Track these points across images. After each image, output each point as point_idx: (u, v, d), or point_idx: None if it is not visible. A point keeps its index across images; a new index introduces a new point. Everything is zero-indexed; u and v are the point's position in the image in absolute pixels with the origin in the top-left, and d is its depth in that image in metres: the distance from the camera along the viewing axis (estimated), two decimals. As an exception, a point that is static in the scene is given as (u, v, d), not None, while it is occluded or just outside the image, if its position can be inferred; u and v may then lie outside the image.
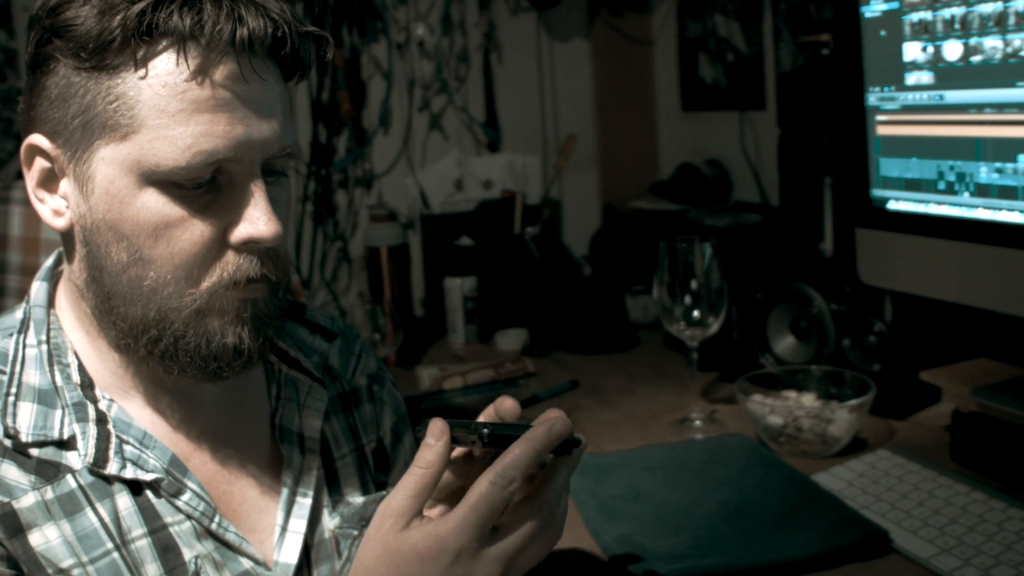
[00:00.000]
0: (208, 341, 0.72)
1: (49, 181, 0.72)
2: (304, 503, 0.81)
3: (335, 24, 2.02)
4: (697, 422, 1.34)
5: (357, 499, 0.85)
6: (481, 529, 0.63)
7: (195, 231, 0.69)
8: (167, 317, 0.71)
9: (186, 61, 0.66)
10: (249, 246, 0.71)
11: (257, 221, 0.70)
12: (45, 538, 0.68)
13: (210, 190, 0.70)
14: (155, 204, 0.69)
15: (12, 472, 0.69)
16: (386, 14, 2.05)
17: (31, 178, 0.72)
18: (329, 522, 0.83)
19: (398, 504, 0.65)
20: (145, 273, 0.70)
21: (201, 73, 0.67)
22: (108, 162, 0.68)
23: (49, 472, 0.70)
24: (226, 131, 0.68)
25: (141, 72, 0.67)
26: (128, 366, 0.76)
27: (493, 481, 0.64)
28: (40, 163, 0.72)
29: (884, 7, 1.24)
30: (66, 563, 0.68)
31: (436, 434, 0.67)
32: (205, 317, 0.71)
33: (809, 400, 1.26)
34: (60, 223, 0.73)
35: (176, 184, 0.68)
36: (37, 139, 0.71)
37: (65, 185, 0.71)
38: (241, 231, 0.70)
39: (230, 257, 0.71)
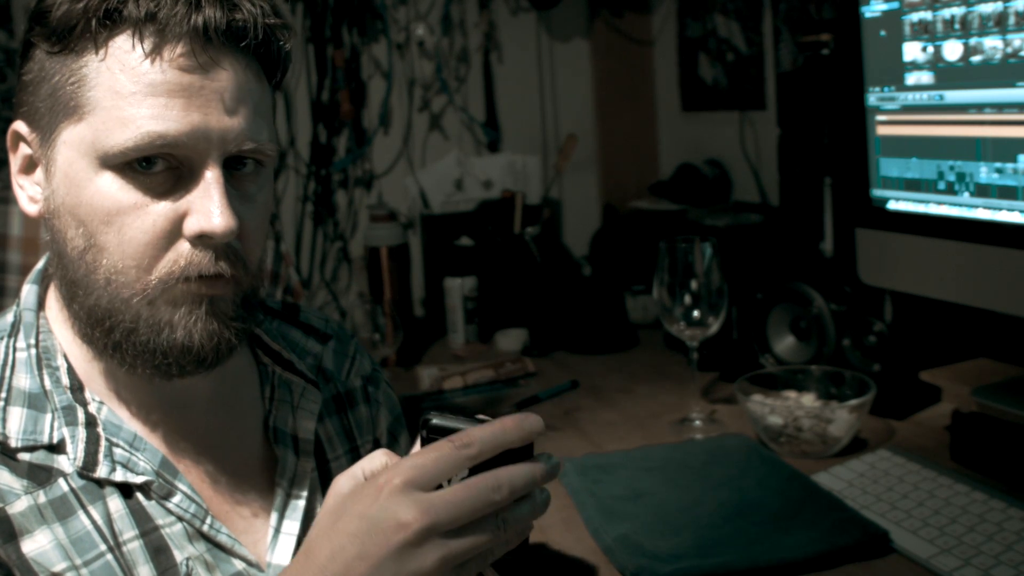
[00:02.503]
0: (157, 334, 0.70)
1: (30, 167, 0.73)
2: (298, 505, 0.80)
3: (335, 24, 2.02)
4: (697, 422, 1.34)
5: None
6: (415, 472, 0.58)
7: (147, 219, 0.68)
8: (118, 308, 0.69)
9: (142, 44, 0.66)
10: (203, 240, 0.69)
11: (209, 214, 0.68)
12: (38, 543, 0.68)
13: (168, 178, 0.69)
14: (109, 189, 0.68)
15: (4, 477, 0.69)
16: (386, 14, 2.05)
17: (14, 164, 0.73)
18: None
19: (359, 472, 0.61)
20: (99, 260, 0.69)
21: (156, 55, 0.66)
22: (68, 145, 0.69)
23: (41, 476, 0.70)
24: (180, 116, 0.67)
25: (101, 54, 0.67)
26: (113, 365, 0.75)
27: (451, 440, 0.59)
28: (23, 149, 0.73)
29: (884, 7, 1.24)
30: (59, 567, 0.68)
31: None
32: (157, 309, 0.70)
33: (809, 400, 1.26)
34: (33, 209, 0.73)
35: (131, 168, 0.67)
36: (18, 125, 0.72)
37: (40, 171, 0.72)
38: (191, 223, 0.68)
39: (183, 249, 0.69)
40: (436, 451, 0.59)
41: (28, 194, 0.73)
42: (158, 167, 0.68)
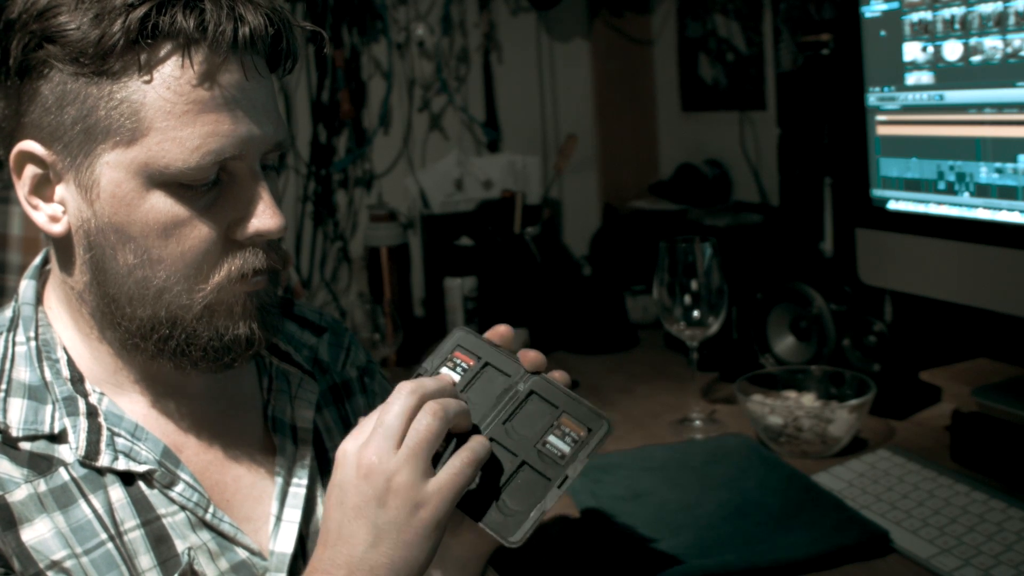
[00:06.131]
0: (221, 335, 0.73)
1: (42, 187, 0.72)
2: (298, 492, 0.81)
3: (335, 24, 2.02)
4: (697, 422, 1.34)
5: None
6: (394, 435, 0.67)
7: (203, 229, 0.71)
8: (177, 316, 0.72)
9: (191, 64, 0.67)
10: (255, 239, 0.73)
11: (264, 215, 0.72)
12: (37, 531, 0.69)
13: (214, 188, 0.71)
14: (163, 205, 0.70)
15: (4, 466, 0.70)
16: (386, 14, 2.05)
17: (22, 185, 0.72)
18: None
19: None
20: (154, 274, 0.71)
21: (206, 75, 0.68)
22: (114, 166, 0.69)
23: (41, 465, 0.71)
24: (231, 130, 0.69)
25: (146, 76, 0.67)
26: (126, 363, 0.76)
27: (414, 391, 0.69)
28: (32, 170, 0.71)
29: (884, 7, 1.24)
30: (59, 555, 0.69)
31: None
32: (214, 313, 0.73)
33: (809, 400, 1.26)
34: (58, 228, 0.72)
35: (183, 184, 0.69)
36: (29, 145, 0.70)
37: (62, 190, 0.71)
38: (251, 226, 0.72)
39: (236, 252, 0.73)
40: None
41: (47, 214, 0.73)
42: (209, 181, 0.70)
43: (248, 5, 0.69)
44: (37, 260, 0.81)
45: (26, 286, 0.79)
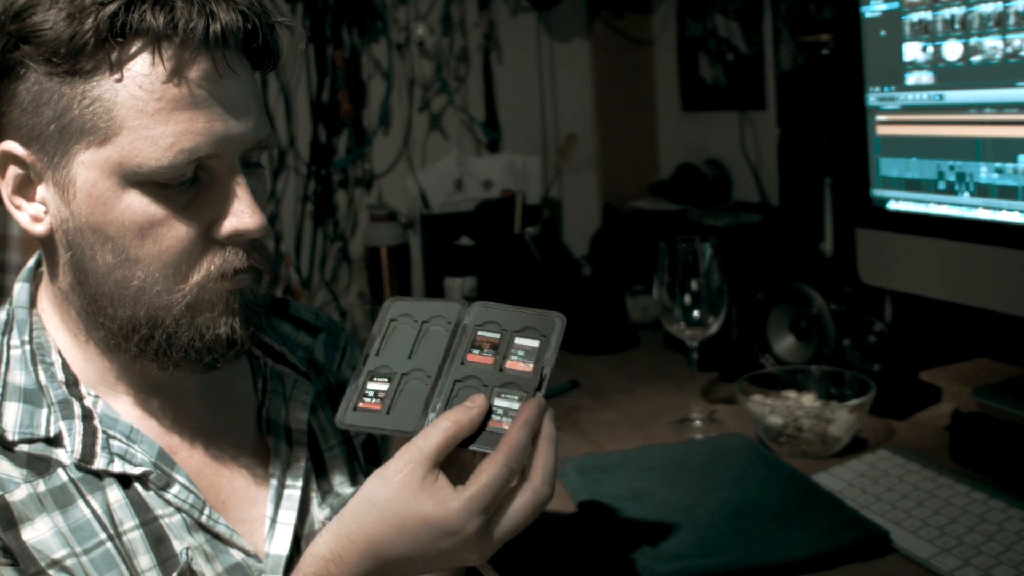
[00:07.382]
0: (201, 335, 0.72)
1: (24, 187, 0.72)
2: (293, 495, 0.81)
3: (335, 24, 2.02)
4: (697, 422, 1.34)
5: (347, 490, 0.86)
6: (488, 511, 0.65)
7: (180, 228, 0.70)
8: (157, 316, 0.71)
9: (162, 61, 0.66)
10: (234, 239, 0.72)
11: (242, 214, 0.71)
12: (38, 531, 0.69)
13: (192, 187, 0.70)
14: (139, 204, 0.69)
15: (3, 466, 0.70)
16: (386, 14, 2.05)
17: (5, 186, 0.72)
18: (319, 513, 0.83)
19: (427, 449, 0.66)
20: (132, 273, 0.70)
21: (177, 72, 0.67)
22: (89, 166, 0.68)
23: (40, 466, 0.71)
24: (205, 128, 0.68)
25: (116, 75, 0.66)
26: (114, 364, 0.76)
27: (508, 464, 0.65)
28: (14, 170, 0.71)
29: (884, 7, 1.24)
30: (59, 554, 0.69)
31: (480, 403, 0.69)
32: (195, 312, 0.72)
33: (809, 400, 1.26)
34: (40, 229, 0.73)
35: (159, 183, 0.69)
36: (10, 146, 0.70)
37: (43, 191, 0.71)
38: (228, 225, 0.71)
39: (216, 251, 0.72)
40: (497, 483, 0.66)
41: (30, 214, 0.73)
42: (186, 180, 0.69)
43: (221, 2, 0.68)
44: (31, 263, 0.81)
45: (19, 289, 0.79)
